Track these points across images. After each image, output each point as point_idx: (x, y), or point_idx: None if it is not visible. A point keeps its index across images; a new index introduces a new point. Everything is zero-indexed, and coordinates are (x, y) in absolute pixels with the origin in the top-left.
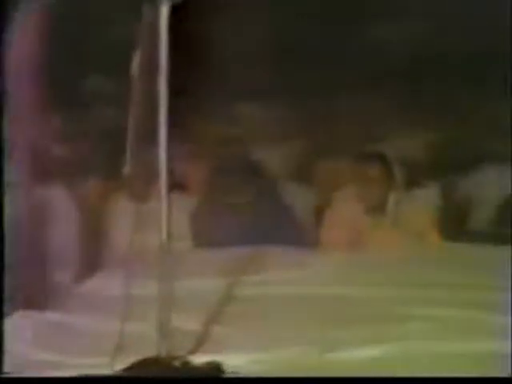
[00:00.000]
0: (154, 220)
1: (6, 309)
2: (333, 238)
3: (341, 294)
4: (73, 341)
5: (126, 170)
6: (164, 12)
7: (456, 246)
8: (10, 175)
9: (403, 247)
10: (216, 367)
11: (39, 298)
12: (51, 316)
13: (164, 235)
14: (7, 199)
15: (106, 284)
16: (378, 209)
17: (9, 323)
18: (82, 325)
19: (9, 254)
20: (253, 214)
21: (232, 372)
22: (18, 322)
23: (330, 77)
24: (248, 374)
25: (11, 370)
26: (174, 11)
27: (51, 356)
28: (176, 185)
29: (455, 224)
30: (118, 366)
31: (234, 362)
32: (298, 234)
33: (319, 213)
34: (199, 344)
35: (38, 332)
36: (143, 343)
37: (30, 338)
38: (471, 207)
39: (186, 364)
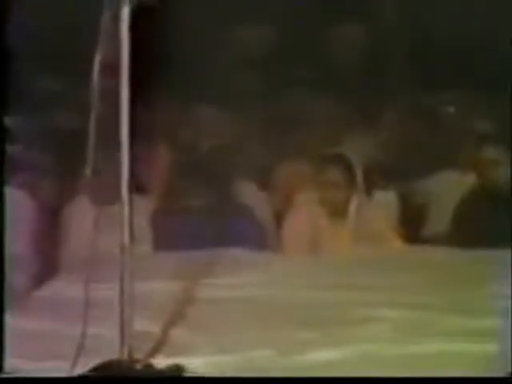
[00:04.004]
0: (115, 222)
1: None
2: (294, 241)
3: (301, 297)
4: (32, 344)
5: (87, 172)
6: (125, 14)
7: (415, 249)
8: None
9: (363, 250)
10: (177, 370)
11: None
12: (10, 319)
13: (125, 238)
14: None
15: (66, 287)
16: (339, 212)
17: None
18: (41, 328)
19: None
20: (213, 217)
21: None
22: None
23: (292, 79)
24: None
25: None
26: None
27: (10, 360)
28: (136, 187)
29: (414, 227)
30: (78, 370)
31: (195, 365)
32: (259, 237)
33: (280, 216)
34: (161, 347)
35: None
36: (104, 346)
37: None
38: (430, 210)
39: (148, 367)
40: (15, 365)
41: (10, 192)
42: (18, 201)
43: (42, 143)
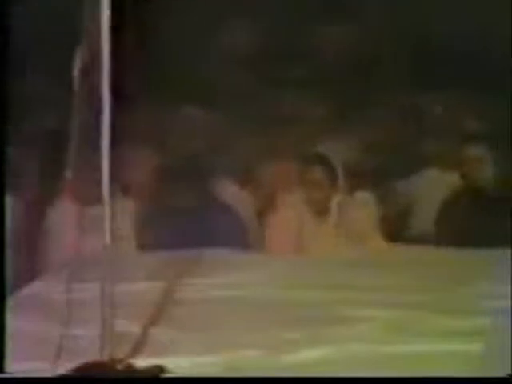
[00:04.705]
0: (98, 223)
1: None
2: (278, 240)
3: (285, 297)
4: (14, 344)
5: (69, 173)
6: (106, 14)
7: (398, 248)
8: None
9: (347, 250)
10: (159, 370)
11: None
12: None
13: (107, 238)
14: None
15: (48, 287)
16: (321, 211)
17: None
18: (23, 328)
19: None
20: (197, 217)
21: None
22: None
23: (277, 79)
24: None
25: None
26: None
27: None
28: (120, 188)
29: (398, 226)
30: (60, 370)
31: (178, 365)
32: (244, 237)
33: (264, 215)
34: (143, 347)
35: None
36: (86, 347)
37: None
38: (412, 209)
39: (129, 367)
40: None
41: None
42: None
43: (26, 144)
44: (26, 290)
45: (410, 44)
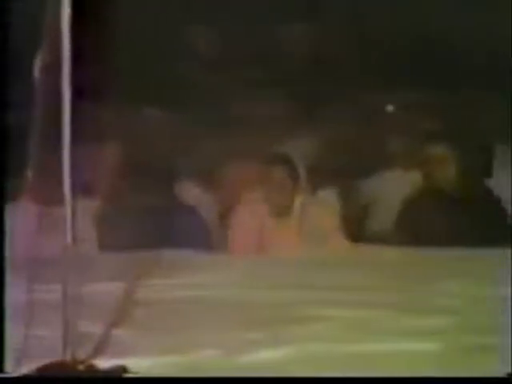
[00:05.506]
0: (59, 223)
1: None
2: (240, 241)
3: (247, 297)
4: None
5: (29, 172)
6: (66, 13)
7: (360, 247)
8: None
9: (309, 249)
10: (121, 370)
11: None
12: None
13: (69, 239)
14: None
15: (9, 287)
16: (283, 211)
17: None
18: None
19: None
20: (159, 217)
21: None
22: None
23: (236, 78)
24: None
25: None
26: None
27: None
28: (81, 187)
29: (360, 225)
30: (21, 371)
31: (141, 366)
32: (206, 238)
33: (227, 216)
34: (105, 348)
35: None
36: (48, 348)
37: None
38: (374, 209)
39: (91, 367)
40: None
41: None
42: None
43: None
44: None
45: (374, 43)
